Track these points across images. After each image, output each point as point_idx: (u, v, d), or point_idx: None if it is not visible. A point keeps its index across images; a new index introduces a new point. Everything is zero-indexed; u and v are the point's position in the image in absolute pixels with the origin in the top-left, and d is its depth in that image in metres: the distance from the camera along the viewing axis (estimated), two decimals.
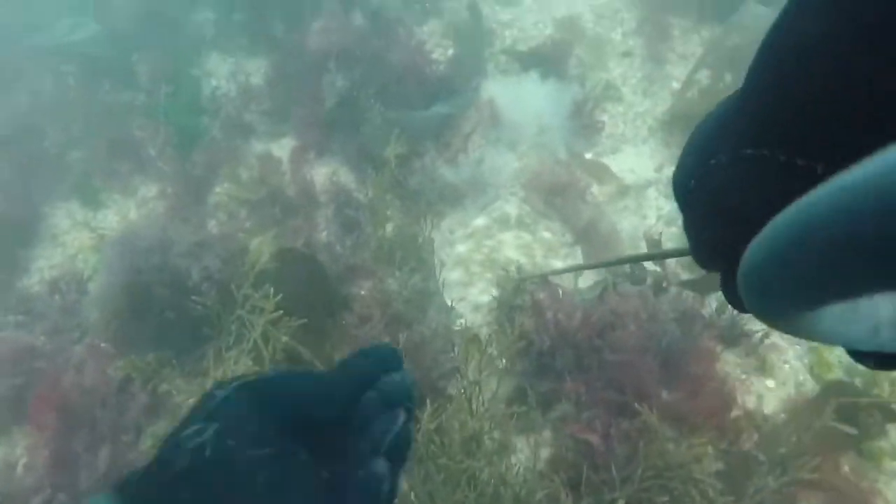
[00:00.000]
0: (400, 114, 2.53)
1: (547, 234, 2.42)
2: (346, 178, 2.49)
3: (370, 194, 2.32)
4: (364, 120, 2.46)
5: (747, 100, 0.40)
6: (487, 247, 2.36)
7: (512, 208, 2.47)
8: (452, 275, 2.28)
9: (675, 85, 2.84)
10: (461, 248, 2.37)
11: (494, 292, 2.12)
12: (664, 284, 2.07)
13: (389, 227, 2.27)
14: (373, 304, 2.07)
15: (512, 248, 2.35)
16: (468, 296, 2.21)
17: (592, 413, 1.80)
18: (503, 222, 2.43)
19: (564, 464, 1.81)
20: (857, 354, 0.35)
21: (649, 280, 2.07)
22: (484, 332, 2.03)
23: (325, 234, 2.25)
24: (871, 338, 0.30)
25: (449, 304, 2.10)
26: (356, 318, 2.02)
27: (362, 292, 2.14)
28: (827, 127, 0.35)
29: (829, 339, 0.31)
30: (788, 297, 0.30)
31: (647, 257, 1.59)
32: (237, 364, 1.61)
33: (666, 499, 1.66)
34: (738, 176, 0.40)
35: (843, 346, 0.31)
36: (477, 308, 2.16)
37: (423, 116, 2.57)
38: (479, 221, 2.45)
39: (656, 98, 2.83)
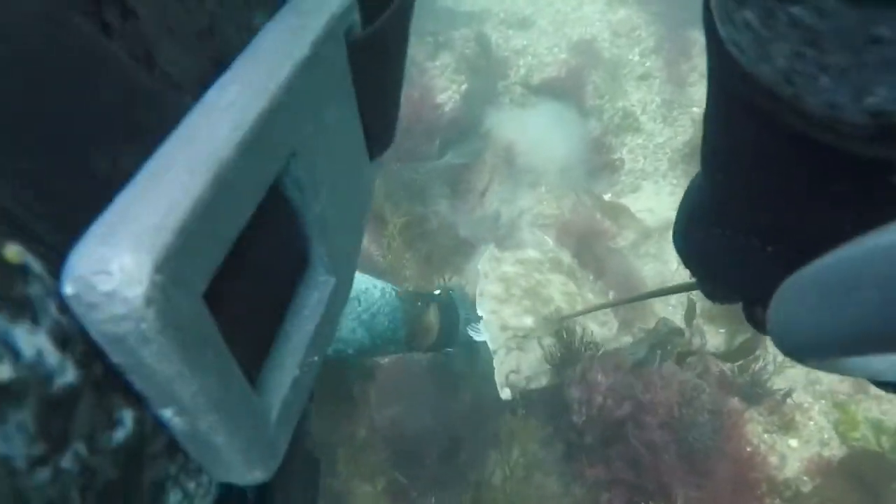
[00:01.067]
0: (410, 168, 2.52)
1: (590, 296, 2.26)
2: (365, 240, 2.51)
3: (385, 259, 2.34)
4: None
5: (710, 189, 0.49)
6: (535, 279, 2.24)
7: (565, 257, 2.36)
8: (491, 287, 2.16)
9: (696, 110, 2.76)
10: (508, 269, 2.24)
11: (528, 320, 2.05)
12: (692, 349, 2.04)
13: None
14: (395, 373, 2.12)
15: (557, 291, 2.21)
16: (500, 312, 2.08)
17: (612, 495, 1.82)
18: (556, 264, 2.32)
19: None
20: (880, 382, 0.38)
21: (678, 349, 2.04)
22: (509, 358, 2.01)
23: None
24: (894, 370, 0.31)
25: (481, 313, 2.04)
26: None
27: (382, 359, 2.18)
28: (764, 218, 0.44)
29: (852, 373, 0.32)
30: (820, 352, 0.31)
31: (667, 292, 1.59)
32: None
33: None
34: (715, 249, 0.50)
35: (867, 378, 0.33)
36: (504, 329, 2.04)
37: (434, 168, 2.56)
38: (532, 254, 2.34)
39: (676, 126, 2.76)
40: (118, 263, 0.20)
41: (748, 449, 1.93)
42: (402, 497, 1.93)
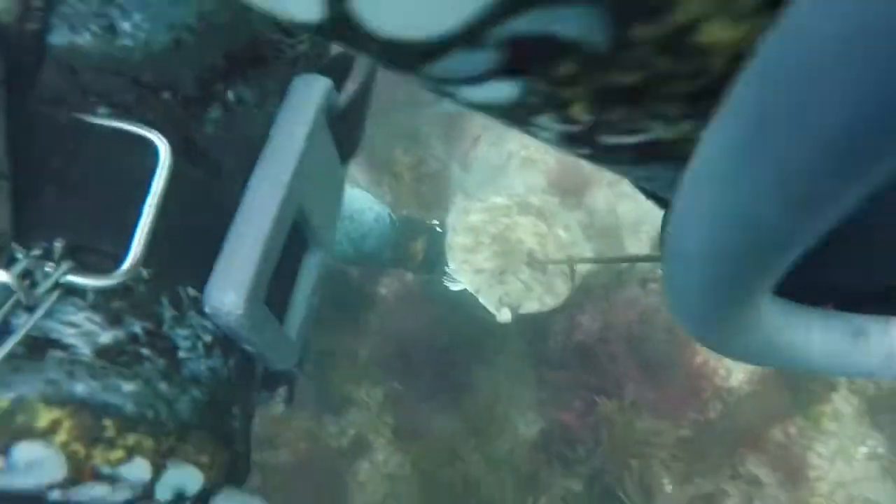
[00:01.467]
0: (409, 114, 2.77)
1: (561, 233, 2.42)
2: (364, 181, 2.78)
3: (387, 200, 2.61)
4: (374, 124, 2.71)
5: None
6: (504, 224, 2.39)
7: (534, 199, 2.51)
8: (459, 239, 2.27)
9: None
10: (475, 218, 2.37)
11: (499, 262, 2.21)
12: (656, 276, 2.30)
13: None
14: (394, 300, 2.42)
15: (528, 233, 2.38)
16: (472, 260, 2.22)
17: (573, 395, 2.12)
18: (524, 207, 2.47)
19: (551, 439, 2.15)
20: None
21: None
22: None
23: None
24: (886, 368, 0.27)
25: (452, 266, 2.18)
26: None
27: (383, 290, 2.47)
28: None
29: (831, 372, 0.27)
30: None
31: (649, 258, 1.85)
32: None
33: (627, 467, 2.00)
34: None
35: (851, 377, 0.33)
36: (479, 272, 2.19)
37: (432, 114, 2.80)
38: (499, 200, 2.45)
39: None
40: (229, 300, 0.46)
41: (698, 360, 2.20)
42: (399, 403, 2.24)
